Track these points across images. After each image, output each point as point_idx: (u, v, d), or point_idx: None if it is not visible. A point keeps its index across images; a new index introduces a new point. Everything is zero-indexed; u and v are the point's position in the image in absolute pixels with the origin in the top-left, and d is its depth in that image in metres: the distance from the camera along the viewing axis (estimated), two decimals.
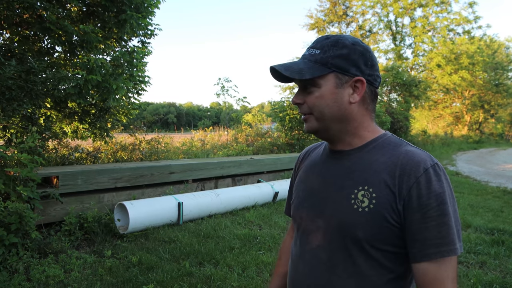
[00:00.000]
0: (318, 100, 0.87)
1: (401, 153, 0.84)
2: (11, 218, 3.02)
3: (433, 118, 29.25)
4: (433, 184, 0.78)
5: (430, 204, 0.77)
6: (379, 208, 0.81)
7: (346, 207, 0.85)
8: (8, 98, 3.60)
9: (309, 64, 0.87)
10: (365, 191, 0.83)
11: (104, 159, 5.80)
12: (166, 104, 62.83)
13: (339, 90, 0.86)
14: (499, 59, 29.13)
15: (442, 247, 0.77)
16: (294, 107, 9.49)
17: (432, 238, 0.77)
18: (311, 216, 0.93)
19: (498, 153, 19.23)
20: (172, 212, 4.30)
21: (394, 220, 0.80)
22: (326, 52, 0.86)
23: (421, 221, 0.77)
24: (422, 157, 0.82)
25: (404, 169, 0.81)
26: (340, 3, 23.62)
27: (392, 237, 0.81)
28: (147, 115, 7.75)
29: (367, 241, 0.82)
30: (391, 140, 0.89)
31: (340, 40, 0.87)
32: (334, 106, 0.86)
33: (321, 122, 0.89)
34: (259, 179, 6.50)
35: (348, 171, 0.88)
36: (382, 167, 0.83)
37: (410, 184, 0.79)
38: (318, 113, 0.88)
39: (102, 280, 2.91)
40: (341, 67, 0.85)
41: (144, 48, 5.42)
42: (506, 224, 4.81)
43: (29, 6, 3.91)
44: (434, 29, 23.24)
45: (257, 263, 3.37)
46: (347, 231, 0.84)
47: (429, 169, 0.79)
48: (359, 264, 0.83)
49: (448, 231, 0.77)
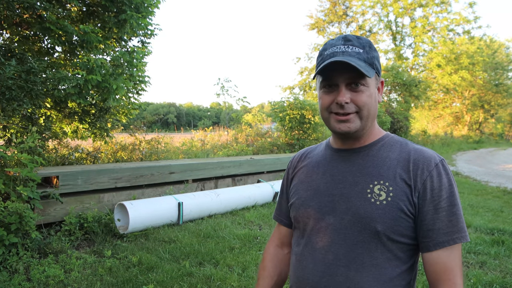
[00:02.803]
0: (368, 99, 0.89)
1: (410, 150, 0.91)
2: (11, 218, 3.02)
3: (433, 118, 29.25)
4: (443, 177, 0.86)
5: (441, 195, 0.84)
6: (396, 200, 0.85)
7: (363, 201, 0.88)
8: (8, 98, 3.59)
9: (360, 62, 0.86)
10: (381, 185, 0.87)
11: (104, 159, 5.80)
12: (166, 104, 62.82)
13: (375, 91, 0.93)
14: (499, 59, 29.12)
15: (453, 234, 0.84)
16: (294, 107, 9.49)
17: (444, 228, 0.84)
18: (320, 214, 0.93)
19: (498, 153, 19.22)
20: (172, 212, 4.30)
21: (410, 211, 0.86)
22: (369, 53, 0.89)
23: (434, 211, 0.84)
24: (431, 153, 0.90)
25: (417, 164, 0.88)
26: (340, 3, 23.62)
27: (407, 229, 0.86)
28: (147, 115, 7.73)
29: (384, 234, 0.85)
30: (396, 139, 0.96)
31: (370, 43, 0.93)
32: (375, 105, 0.92)
33: (364, 120, 0.90)
34: (259, 179, 6.50)
35: (361, 167, 0.92)
36: (395, 163, 0.90)
37: (424, 177, 0.86)
38: (366, 111, 0.89)
39: (102, 280, 2.91)
40: (378, 69, 0.93)
41: (144, 48, 5.42)
42: (506, 224, 4.81)
43: (29, 6, 3.91)
44: (434, 29, 23.24)
45: (257, 263, 3.37)
46: (366, 224, 0.86)
47: (438, 164, 0.87)
48: (376, 256, 0.86)
49: (458, 219, 0.84)
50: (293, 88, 24.87)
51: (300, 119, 9.42)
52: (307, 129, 9.61)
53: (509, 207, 6.03)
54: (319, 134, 9.88)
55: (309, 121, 9.48)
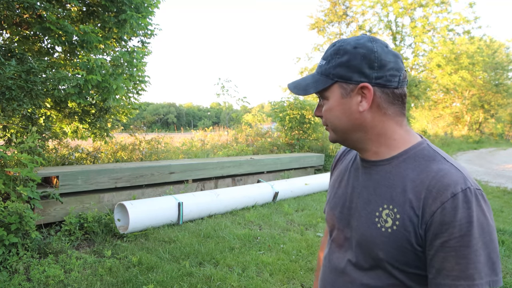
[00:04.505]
0: (328, 113, 0.86)
1: (432, 170, 0.76)
2: (11, 218, 3.02)
3: (433, 118, 29.24)
4: (459, 212, 0.70)
5: (453, 233, 0.70)
6: (402, 230, 0.76)
7: (370, 224, 0.82)
8: (8, 98, 3.59)
9: (316, 77, 0.85)
10: (389, 210, 0.79)
11: (104, 159, 5.80)
12: (166, 104, 62.80)
13: (345, 100, 0.82)
14: (499, 59, 29.11)
15: (458, 280, 0.70)
16: (294, 107, 9.49)
17: (449, 269, 0.71)
18: (340, 225, 0.92)
19: (498, 153, 19.22)
20: (172, 212, 4.30)
21: (417, 244, 0.75)
22: (330, 62, 0.83)
23: (440, 249, 0.72)
24: (454, 179, 0.73)
25: (430, 191, 0.74)
26: (340, 3, 23.60)
27: (416, 261, 0.77)
28: (147, 115, 7.74)
29: (388, 262, 0.79)
30: (424, 153, 0.81)
31: (341, 47, 0.82)
32: (343, 117, 0.83)
33: (337, 133, 0.87)
34: (259, 179, 6.50)
35: (376, 185, 0.84)
36: (410, 186, 0.77)
37: (434, 209, 0.72)
38: (331, 125, 0.87)
39: (102, 280, 2.91)
40: (343, 75, 0.81)
41: (144, 48, 5.42)
42: (506, 224, 4.81)
43: (29, 6, 3.91)
44: (434, 29, 23.20)
45: (257, 263, 3.37)
46: (370, 248, 0.82)
47: (458, 195, 0.71)
48: (382, 280, 0.82)
49: (467, 265, 0.69)
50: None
51: (300, 119, 9.42)
52: (307, 129, 9.62)
53: (509, 207, 6.03)
54: (319, 134, 9.88)
55: (309, 121, 9.48)
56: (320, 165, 8.67)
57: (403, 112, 0.85)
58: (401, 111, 0.84)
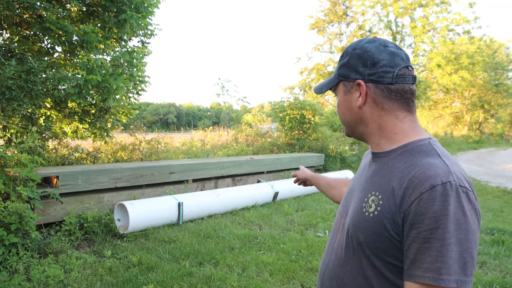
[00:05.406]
0: (337, 109, 0.98)
1: (420, 163, 0.78)
2: (11, 218, 3.02)
3: (433, 118, 29.25)
4: (435, 203, 0.70)
5: (427, 225, 0.70)
6: (381, 216, 0.78)
7: (358, 209, 0.87)
8: (8, 98, 3.59)
9: (330, 78, 0.98)
10: (375, 196, 0.82)
11: (104, 159, 5.80)
12: (166, 104, 62.78)
13: (348, 97, 0.92)
14: (499, 59, 29.12)
15: (427, 272, 0.70)
16: (294, 107, 9.50)
17: (421, 261, 0.71)
18: (340, 213, 0.99)
19: (498, 153, 19.22)
20: (172, 212, 4.30)
21: (395, 232, 0.76)
22: (338, 64, 0.95)
23: (415, 240, 0.72)
24: (437, 172, 0.74)
25: (412, 181, 0.75)
26: (340, 3, 23.60)
27: (394, 250, 0.77)
28: (147, 115, 7.73)
29: (368, 247, 0.82)
30: (421, 148, 0.82)
31: (345, 50, 0.93)
32: (347, 112, 0.94)
33: (346, 127, 0.98)
34: (259, 179, 6.50)
35: (372, 174, 0.90)
36: (397, 176, 0.79)
37: (413, 199, 0.73)
38: (341, 120, 0.98)
39: (102, 280, 2.91)
40: (344, 75, 0.92)
41: (144, 48, 5.42)
42: (506, 224, 4.81)
43: (29, 6, 3.91)
44: (434, 29, 23.19)
45: (257, 263, 3.37)
46: (353, 232, 0.86)
47: (436, 187, 0.71)
48: (364, 268, 0.84)
49: (436, 257, 0.69)
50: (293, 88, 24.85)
51: (300, 119, 9.42)
52: (307, 129, 9.62)
53: (509, 207, 6.03)
54: (319, 134, 9.89)
55: (309, 121, 9.48)
56: (320, 165, 8.67)
57: (405, 108, 0.87)
58: (402, 106, 0.87)
